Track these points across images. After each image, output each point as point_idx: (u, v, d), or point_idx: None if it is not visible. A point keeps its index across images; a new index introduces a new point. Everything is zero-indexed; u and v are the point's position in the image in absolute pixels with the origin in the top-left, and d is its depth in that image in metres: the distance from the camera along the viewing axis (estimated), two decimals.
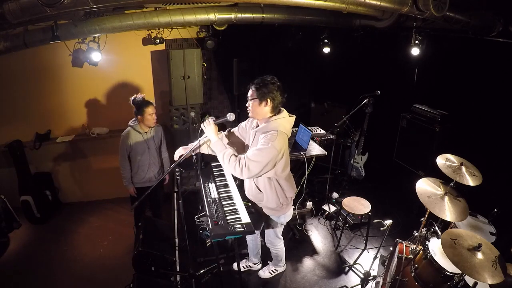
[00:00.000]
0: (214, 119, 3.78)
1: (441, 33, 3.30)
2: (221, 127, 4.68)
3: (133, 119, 3.20)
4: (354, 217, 3.71)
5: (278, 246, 2.85)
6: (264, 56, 4.67)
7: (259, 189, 2.50)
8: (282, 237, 2.84)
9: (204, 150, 2.52)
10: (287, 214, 2.62)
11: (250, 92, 2.28)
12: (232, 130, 2.71)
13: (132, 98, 3.12)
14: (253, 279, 3.09)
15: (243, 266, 3.15)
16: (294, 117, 2.39)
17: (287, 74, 4.96)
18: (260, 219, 2.64)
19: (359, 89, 3.91)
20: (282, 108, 2.34)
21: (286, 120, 2.30)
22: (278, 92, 2.22)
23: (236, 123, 2.84)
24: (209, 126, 2.32)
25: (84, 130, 4.24)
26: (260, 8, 3.64)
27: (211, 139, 2.34)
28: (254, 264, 3.17)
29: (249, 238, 2.98)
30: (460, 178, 2.33)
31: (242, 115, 4.81)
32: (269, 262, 3.11)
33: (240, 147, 2.57)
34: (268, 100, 2.21)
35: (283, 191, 2.47)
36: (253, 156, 2.16)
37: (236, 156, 2.22)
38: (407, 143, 4.16)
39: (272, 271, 3.09)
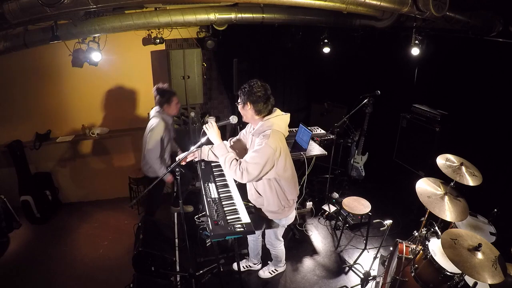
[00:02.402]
0: (214, 119, 3.80)
1: (441, 33, 3.30)
2: (222, 129, 4.70)
3: (156, 108, 3.18)
4: (354, 217, 3.71)
5: (278, 247, 2.85)
6: (264, 56, 4.67)
7: (258, 193, 2.49)
8: (282, 239, 2.84)
9: (205, 156, 2.52)
10: (289, 217, 2.61)
11: None
12: (235, 139, 2.72)
13: (156, 87, 3.13)
14: (253, 279, 3.10)
15: (243, 266, 3.15)
16: (288, 114, 2.39)
17: (287, 74, 5.00)
18: (261, 220, 2.62)
19: (359, 89, 3.91)
20: (275, 108, 2.34)
21: (279, 119, 2.29)
22: (259, 94, 2.19)
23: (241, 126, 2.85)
24: (211, 128, 2.32)
25: (84, 130, 4.24)
26: (260, 8, 3.64)
27: (214, 142, 2.34)
28: (254, 264, 3.17)
29: (250, 238, 2.97)
30: (460, 178, 2.33)
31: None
32: (269, 262, 3.12)
33: (244, 154, 2.57)
34: (249, 103, 2.23)
35: (284, 193, 2.44)
36: (250, 158, 2.19)
37: (237, 160, 2.23)
38: (407, 143, 4.15)
39: (272, 271, 3.09)
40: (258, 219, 2.60)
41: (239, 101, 2.30)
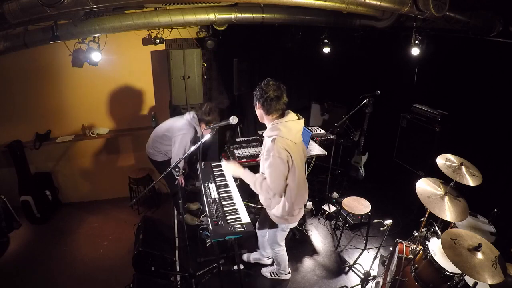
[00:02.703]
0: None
1: (441, 33, 3.29)
2: (222, 129, 4.70)
3: (194, 116, 3.24)
4: (354, 217, 3.71)
5: (277, 250, 2.81)
6: (264, 56, 4.66)
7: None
8: (283, 244, 2.79)
9: None
10: (292, 224, 2.59)
11: None
12: None
13: (212, 105, 3.21)
14: (253, 279, 3.09)
15: (253, 258, 3.16)
16: (302, 120, 2.32)
17: (287, 74, 4.99)
18: (267, 219, 2.61)
19: (359, 89, 3.91)
20: (289, 111, 2.30)
21: (289, 125, 2.22)
22: (268, 94, 2.17)
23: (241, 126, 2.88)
24: (228, 165, 2.51)
25: (84, 130, 4.24)
26: (260, 8, 3.64)
27: (239, 174, 2.46)
28: (265, 257, 3.13)
29: (259, 233, 2.93)
30: (460, 178, 2.33)
31: (242, 115, 4.83)
32: (274, 265, 3.10)
33: None
34: (257, 103, 2.25)
35: (291, 203, 2.38)
36: (268, 178, 2.23)
37: (265, 179, 2.27)
38: (407, 143, 4.15)
39: (273, 273, 3.07)
40: (264, 217, 2.63)
41: (254, 101, 2.33)
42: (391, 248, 2.79)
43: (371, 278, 2.81)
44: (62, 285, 3.17)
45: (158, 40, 3.88)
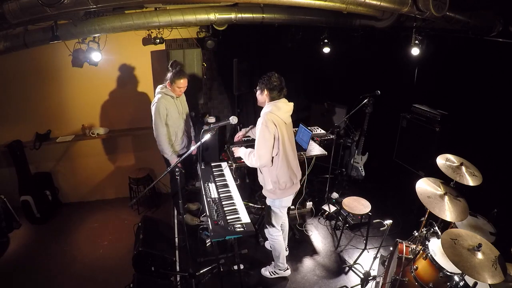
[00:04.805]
0: (214, 119, 3.86)
1: (441, 33, 3.29)
2: (222, 129, 4.70)
3: (162, 85, 3.20)
4: (354, 217, 3.71)
5: (273, 234, 2.84)
6: (264, 56, 4.66)
7: (260, 171, 2.70)
8: (279, 229, 2.85)
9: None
10: (284, 199, 2.70)
11: None
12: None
13: (173, 61, 3.20)
14: (253, 279, 3.09)
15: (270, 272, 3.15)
16: (291, 104, 2.62)
17: (287, 74, 4.91)
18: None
19: (359, 89, 3.91)
20: (283, 98, 2.59)
21: (279, 105, 2.51)
22: (275, 84, 2.50)
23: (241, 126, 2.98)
24: (238, 151, 2.82)
25: (84, 130, 4.24)
26: (260, 8, 3.64)
27: (240, 152, 2.76)
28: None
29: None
30: (460, 178, 2.33)
31: (242, 115, 4.83)
32: (272, 262, 3.10)
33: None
34: (266, 90, 2.54)
35: (275, 174, 2.58)
36: (256, 147, 2.50)
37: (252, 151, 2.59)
38: (407, 143, 4.15)
39: (272, 272, 3.08)
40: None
41: (257, 88, 2.63)
42: (391, 248, 2.78)
43: (371, 278, 2.81)
44: (62, 285, 3.17)
45: (158, 40, 3.87)
